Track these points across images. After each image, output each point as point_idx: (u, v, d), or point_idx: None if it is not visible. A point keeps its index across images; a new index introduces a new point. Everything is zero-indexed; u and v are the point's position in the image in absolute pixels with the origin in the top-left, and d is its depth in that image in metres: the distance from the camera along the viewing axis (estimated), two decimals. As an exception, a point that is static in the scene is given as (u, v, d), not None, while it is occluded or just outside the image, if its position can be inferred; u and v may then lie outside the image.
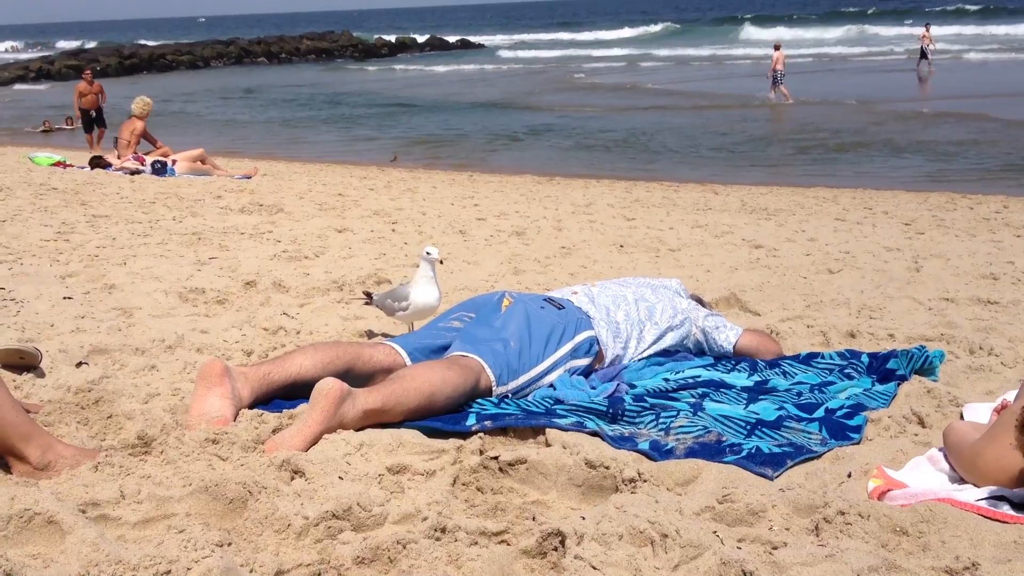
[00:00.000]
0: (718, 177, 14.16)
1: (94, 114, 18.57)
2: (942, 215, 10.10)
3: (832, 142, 17.47)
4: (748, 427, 3.15)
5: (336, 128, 23.84)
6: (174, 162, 12.53)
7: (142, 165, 12.40)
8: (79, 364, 3.63)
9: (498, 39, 73.53)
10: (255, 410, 3.08)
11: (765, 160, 16.20)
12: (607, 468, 2.69)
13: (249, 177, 12.60)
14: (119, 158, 12.98)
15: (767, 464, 2.85)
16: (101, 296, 4.90)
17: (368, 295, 4.44)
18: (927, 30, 32.45)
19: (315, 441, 2.85)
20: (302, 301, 5.06)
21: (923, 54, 31.38)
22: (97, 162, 12.67)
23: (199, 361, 3.71)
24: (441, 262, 4.58)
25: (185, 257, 6.19)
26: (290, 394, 3.26)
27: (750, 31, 58.54)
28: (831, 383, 3.68)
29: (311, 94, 34.18)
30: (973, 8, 60.60)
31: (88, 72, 19.99)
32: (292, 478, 2.60)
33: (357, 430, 2.94)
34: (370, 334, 4.42)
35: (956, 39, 41.92)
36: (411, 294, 4.18)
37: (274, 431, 2.93)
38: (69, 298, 4.79)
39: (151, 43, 67.24)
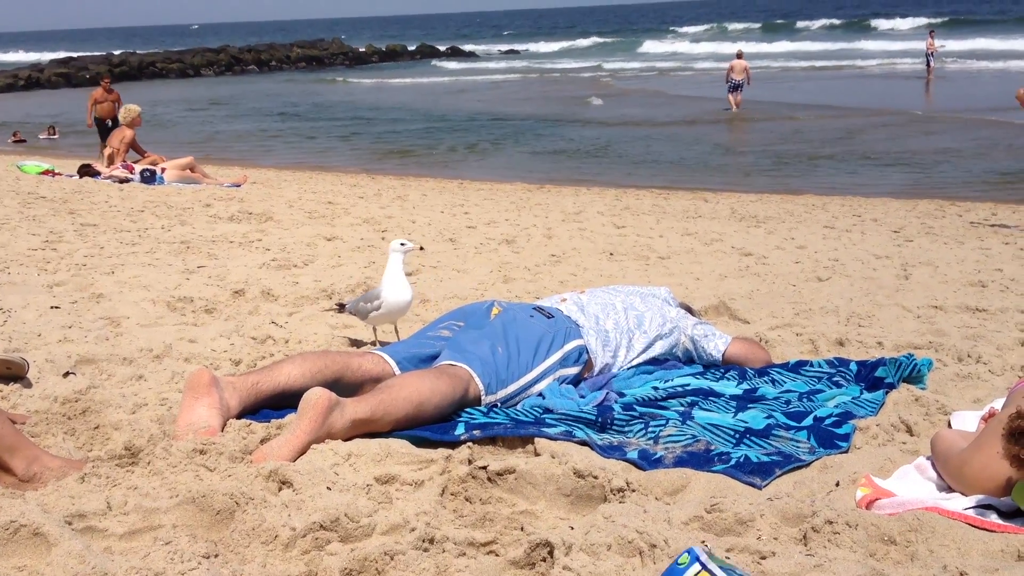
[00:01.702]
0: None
1: (110, 123, 16.60)
2: (931, 222, 10.15)
3: (823, 150, 17.53)
4: (737, 436, 3.15)
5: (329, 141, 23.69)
6: (163, 170, 12.50)
7: (131, 173, 12.37)
8: (66, 374, 3.62)
9: (483, 48, 73.65)
10: (243, 420, 3.07)
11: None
12: (596, 478, 2.69)
13: (239, 185, 12.58)
14: (108, 167, 12.95)
15: (755, 473, 2.85)
16: (89, 305, 4.89)
17: (340, 305, 4.44)
18: (931, 37, 32.86)
19: (303, 451, 2.84)
20: (291, 310, 5.05)
21: (929, 60, 31.92)
22: (86, 170, 12.63)
23: (187, 371, 3.70)
24: (421, 248, 4.54)
25: (173, 266, 6.17)
26: (278, 404, 3.25)
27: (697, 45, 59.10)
28: (820, 391, 3.68)
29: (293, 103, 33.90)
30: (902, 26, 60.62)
31: (107, 79, 18.26)
32: (280, 489, 2.59)
33: (345, 440, 2.93)
34: (359, 343, 4.41)
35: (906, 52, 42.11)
36: (382, 292, 4.16)
37: (262, 441, 2.92)
38: (56, 307, 4.78)
39: (141, 51, 67.20)
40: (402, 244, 4.18)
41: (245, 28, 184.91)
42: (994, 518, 2.48)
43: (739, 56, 25.24)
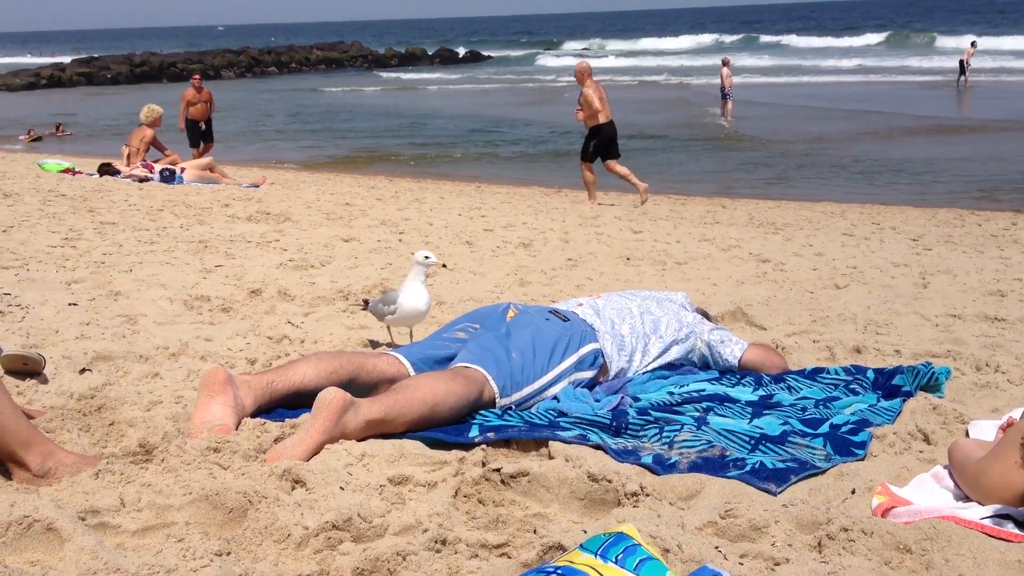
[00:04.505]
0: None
1: (203, 126, 16.10)
2: (950, 231, 10.09)
3: (838, 157, 17.46)
4: (752, 442, 3.13)
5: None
6: (183, 170, 12.57)
7: (151, 173, 12.44)
8: (82, 371, 3.63)
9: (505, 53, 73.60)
10: (257, 419, 3.07)
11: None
12: (609, 482, 2.68)
13: (257, 186, 12.62)
14: (128, 165, 13.02)
15: (771, 479, 2.83)
16: (106, 303, 4.91)
17: (365, 302, 4.48)
18: (972, 47, 32.81)
19: (317, 451, 2.84)
20: (307, 310, 5.06)
21: (962, 70, 31.80)
22: (106, 169, 12.72)
23: (203, 369, 3.71)
24: (444, 265, 4.58)
25: (191, 265, 6.19)
26: (293, 403, 3.25)
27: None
28: (836, 398, 3.66)
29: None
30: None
31: (197, 77, 16.93)
32: (293, 488, 2.59)
33: (359, 440, 2.93)
34: (374, 344, 4.42)
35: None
36: (399, 297, 4.20)
37: (276, 440, 2.92)
38: (74, 304, 4.80)
39: (163, 51, 67.62)
40: (427, 257, 4.22)
41: (272, 30, 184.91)
42: (1011, 528, 2.46)
43: (724, 64, 25.19)
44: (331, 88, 44.34)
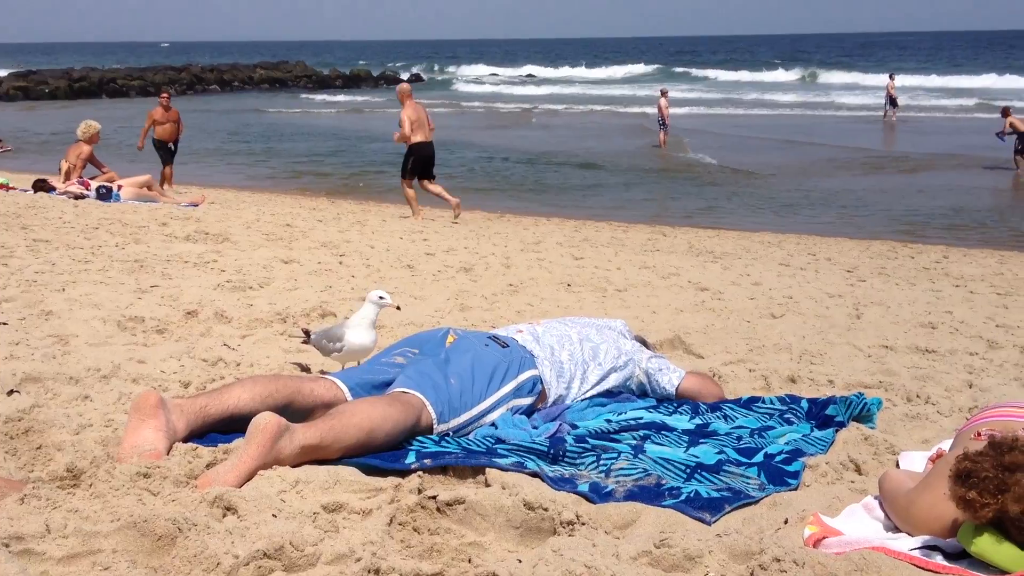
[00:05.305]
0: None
1: (172, 147, 15.58)
2: (883, 263, 10.28)
3: (772, 188, 17.74)
4: (688, 470, 3.15)
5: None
6: (119, 187, 12.37)
7: (87, 190, 12.22)
8: (10, 392, 3.54)
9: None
10: (189, 444, 3.02)
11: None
12: (546, 510, 2.67)
13: (196, 205, 12.48)
14: (65, 182, 12.79)
15: (705, 508, 2.85)
16: (37, 323, 4.80)
17: (307, 333, 4.37)
18: (892, 79, 33.44)
19: (250, 477, 2.80)
20: (244, 332, 5.00)
21: (891, 102, 32.40)
22: (40, 185, 12.48)
23: (134, 392, 3.64)
24: (398, 308, 4.53)
25: (126, 285, 6.09)
26: (227, 428, 3.20)
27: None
28: (771, 428, 3.70)
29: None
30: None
31: (166, 95, 16.04)
32: (224, 515, 2.55)
33: (294, 466, 2.89)
34: (311, 368, 4.37)
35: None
36: (346, 335, 4.13)
37: (208, 466, 2.88)
38: (4, 323, 4.69)
39: (103, 67, 66.70)
40: (381, 298, 4.17)
41: (217, 48, 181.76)
42: (940, 559, 2.49)
43: (663, 94, 25.75)
44: (274, 109, 43.95)
